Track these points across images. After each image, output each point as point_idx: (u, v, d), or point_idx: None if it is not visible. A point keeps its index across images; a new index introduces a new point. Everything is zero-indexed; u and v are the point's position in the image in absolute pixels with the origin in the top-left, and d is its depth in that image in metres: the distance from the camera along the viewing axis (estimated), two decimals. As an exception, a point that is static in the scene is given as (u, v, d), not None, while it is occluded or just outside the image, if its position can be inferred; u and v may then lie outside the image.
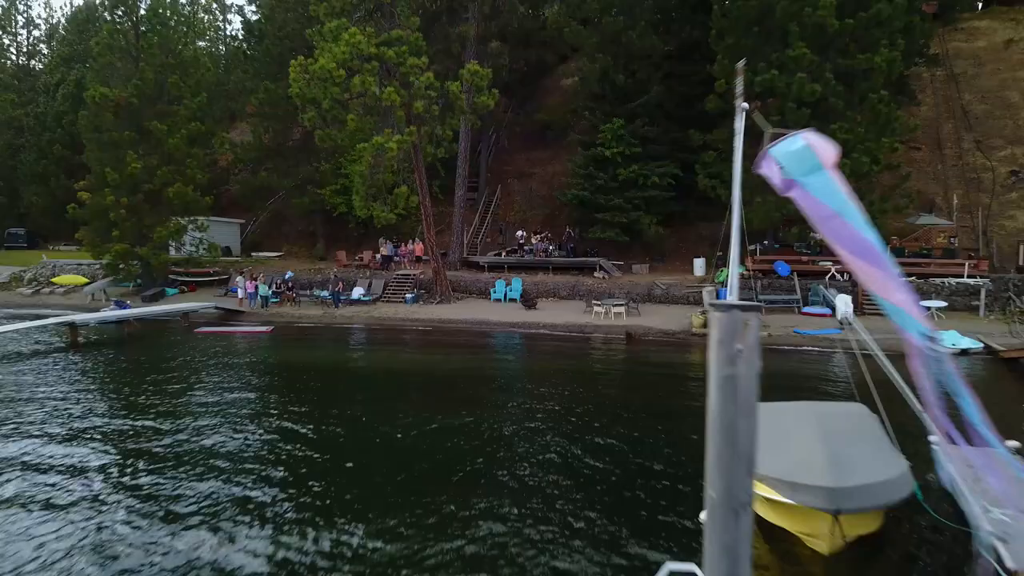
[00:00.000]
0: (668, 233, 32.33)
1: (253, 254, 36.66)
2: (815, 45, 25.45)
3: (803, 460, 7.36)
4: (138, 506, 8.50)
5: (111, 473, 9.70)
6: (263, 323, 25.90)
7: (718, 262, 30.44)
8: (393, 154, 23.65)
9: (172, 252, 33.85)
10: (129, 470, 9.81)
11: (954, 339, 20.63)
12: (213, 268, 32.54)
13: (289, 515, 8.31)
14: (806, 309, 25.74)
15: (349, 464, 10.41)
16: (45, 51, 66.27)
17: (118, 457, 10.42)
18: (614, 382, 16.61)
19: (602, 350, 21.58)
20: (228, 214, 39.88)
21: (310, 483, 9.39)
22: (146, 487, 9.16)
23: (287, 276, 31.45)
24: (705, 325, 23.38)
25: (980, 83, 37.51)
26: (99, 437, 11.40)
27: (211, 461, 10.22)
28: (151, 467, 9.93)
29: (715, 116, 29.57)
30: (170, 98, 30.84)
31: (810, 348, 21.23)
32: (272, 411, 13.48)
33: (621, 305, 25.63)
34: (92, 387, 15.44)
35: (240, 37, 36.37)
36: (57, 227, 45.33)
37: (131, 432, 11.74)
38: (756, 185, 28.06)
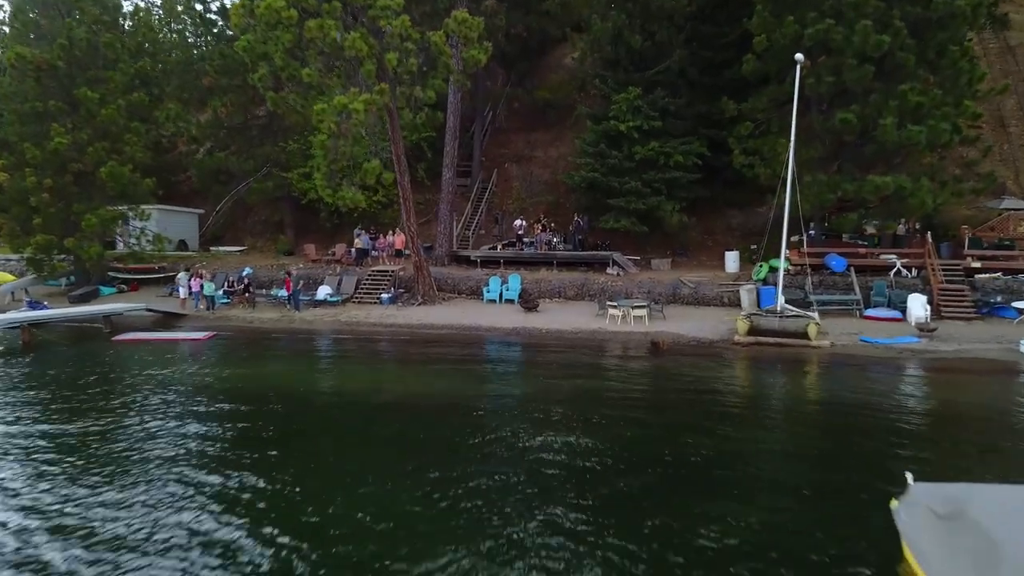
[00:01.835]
0: (693, 222, 27.59)
1: (212, 248, 31.87)
2: (879, -12, 20.73)
3: None
4: None
5: None
6: (203, 329, 21.18)
7: (754, 255, 25.75)
8: (360, 118, 18.89)
9: (120, 246, 29.21)
10: None
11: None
12: (159, 264, 27.75)
13: None
14: (869, 312, 21.00)
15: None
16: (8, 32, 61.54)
17: None
18: (643, 413, 11.88)
19: (622, 365, 16.84)
20: (192, 204, 35.03)
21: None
22: None
23: (244, 273, 26.68)
24: (752, 332, 18.66)
25: (1040, 56, 33.24)
26: None
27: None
28: None
29: (751, 83, 24.94)
30: (106, 62, 26.08)
31: (887, 360, 16.40)
32: (161, 458, 8.83)
33: (642, 307, 20.91)
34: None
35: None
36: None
37: None
38: (805, 161, 23.52)
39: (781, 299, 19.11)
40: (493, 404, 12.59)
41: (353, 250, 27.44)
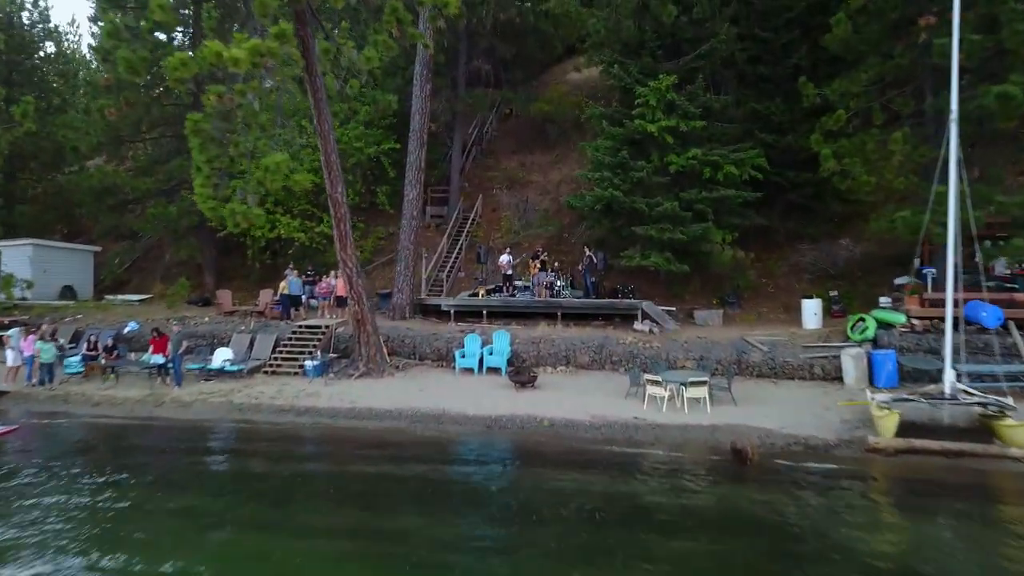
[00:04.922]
0: (749, 260, 20.19)
1: (108, 297, 24.23)
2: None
3: None
4: None
5: None
6: (17, 417, 13.49)
7: (835, 307, 18.27)
8: (251, 82, 11.63)
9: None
10: None
11: None
12: (10, 318, 20.07)
13: None
14: (1056, 391, 13.34)
15: None
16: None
17: None
18: None
19: (682, 503, 9.04)
20: (99, 242, 27.47)
21: None
22: None
23: (126, 329, 19.23)
24: (902, 431, 11.00)
25: None
26: None
27: None
28: None
29: (831, 67, 18.07)
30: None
31: None
32: None
33: (701, 384, 13.24)
34: None
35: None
36: None
37: None
38: (924, 165, 15.90)
39: (950, 373, 11.39)
40: None
41: (278, 296, 19.78)
